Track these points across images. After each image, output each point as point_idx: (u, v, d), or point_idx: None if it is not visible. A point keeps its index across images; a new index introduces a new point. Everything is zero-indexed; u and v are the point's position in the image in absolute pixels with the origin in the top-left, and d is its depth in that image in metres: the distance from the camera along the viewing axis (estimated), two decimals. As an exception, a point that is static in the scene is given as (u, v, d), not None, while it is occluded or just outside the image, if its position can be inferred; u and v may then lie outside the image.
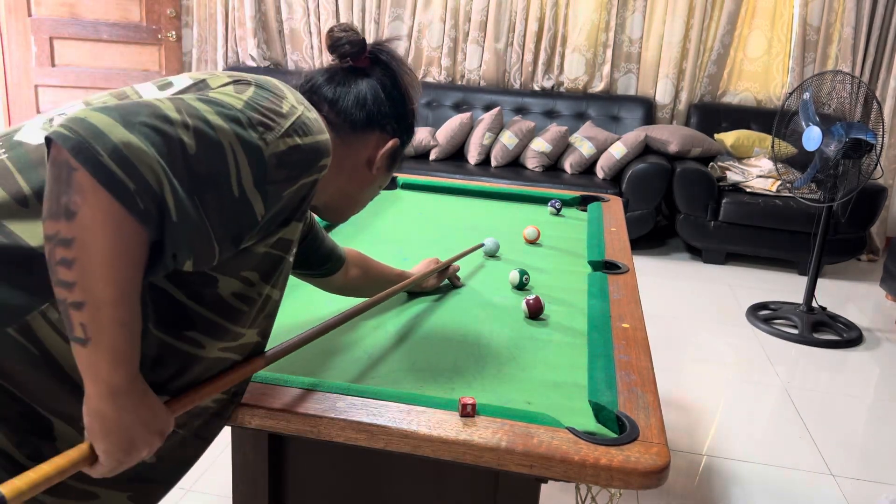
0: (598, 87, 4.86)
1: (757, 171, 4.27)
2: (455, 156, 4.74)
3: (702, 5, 4.60)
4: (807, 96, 3.20)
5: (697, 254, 4.48)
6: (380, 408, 0.98)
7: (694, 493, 2.11)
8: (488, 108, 4.82)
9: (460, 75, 5.04)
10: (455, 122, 4.59)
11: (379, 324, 1.33)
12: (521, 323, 1.37)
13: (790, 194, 4.08)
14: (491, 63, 4.92)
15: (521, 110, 4.84)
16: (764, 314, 3.53)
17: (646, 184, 4.18)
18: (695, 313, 3.53)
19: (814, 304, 3.53)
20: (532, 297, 1.39)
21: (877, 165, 3.14)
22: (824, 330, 3.39)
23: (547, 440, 0.92)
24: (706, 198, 4.17)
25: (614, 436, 0.95)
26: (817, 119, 3.17)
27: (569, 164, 4.47)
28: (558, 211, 2.24)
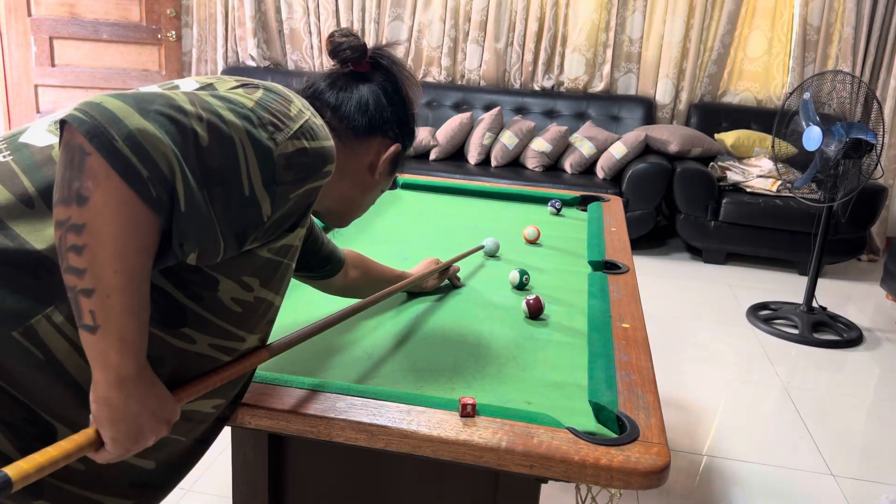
0: (599, 86, 4.86)
1: (757, 171, 4.27)
2: (455, 156, 4.74)
3: (702, 5, 4.60)
4: (807, 96, 3.20)
5: (697, 254, 4.48)
6: (380, 408, 0.98)
7: (694, 493, 2.11)
8: (488, 108, 4.82)
9: (460, 75, 5.04)
10: (455, 122, 4.59)
11: (379, 324, 1.33)
12: (521, 323, 1.37)
13: (790, 194, 4.08)
14: (491, 63, 4.92)
15: (521, 110, 4.84)
16: (764, 314, 3.53)
17: (646, 184, 4.18)
18: (695, 313, 3.53)
19: (814, 304, 3.52)
20: (532, 297, 1.39)
21: (877, 165, 3.14)
22: (824, 330, 3.39)
23: (547, 440, 0.92)
24: (706, 198, 4.17)
25: (614, 436, 0.95)
26: (817, 119, 3.16)
27: (569, 164, 4.47)
28: (558, 211, 2.23)
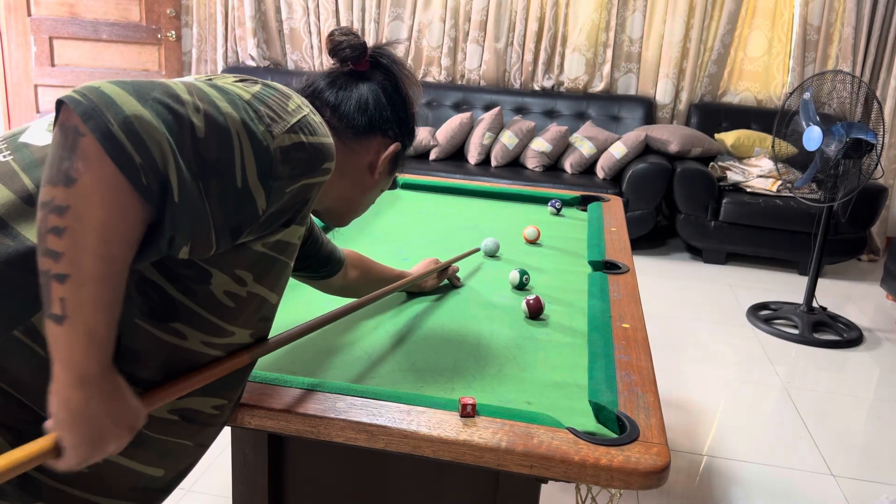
0: (599, 86, 4.86)
1: (757, 170, 4.27)
2: (455, 156, 4.74)
3: (702, 5, 4.60)
4: (807, 96, 3.20)
5: (697, 254, 4.48)
6: (380, 408, 0.98)
7: (694, 494, 2.11)
8: (488, 107, 4.82)
9: (460, 75, 5.04)
10: (455, 121, 4.59)
11: (379, 324, 1.33)
12: (521, 323, 1.37)
13: (790, 194, 4.08)
14: (491, 63, 4.91)
15: (521, 110, 4.84)
16: (764, 314, 3.53)
17: (646, 184, 4.18)
18: (695, 313, 3.53)
19: (814, 304, 3.52)
20: (532, 297, 1.39)
21: (877, 165, 3.14)
22: (824, 330, 3.39)
23: (547, 440, 0.92)
24: (706, 198, 4.17)
25: (614, 436, 0.95)
26: (818, 119, 3.16)
27: (569, 164, 4.47)
28: (558, 211, 2.23)
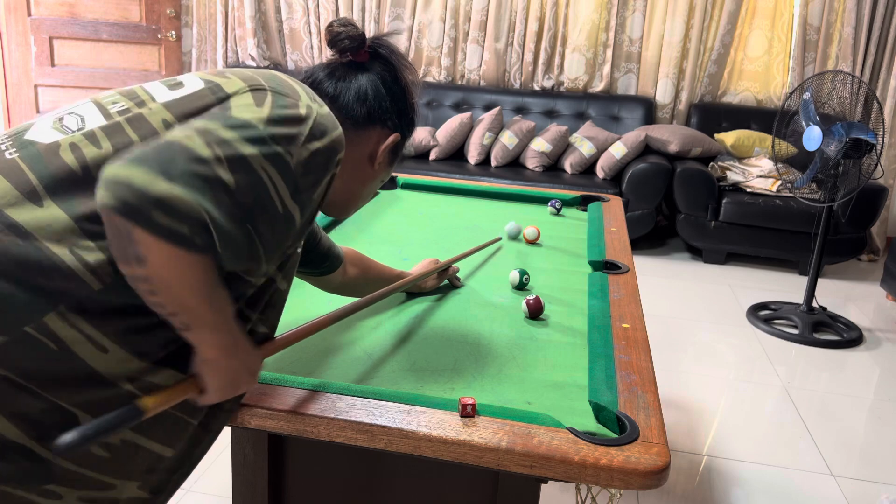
0: (599, 86, 4.86)
1: (757, 170, 4.27)
2: (455, 156, 4.74)
3: (702, 5, 4.60)
4: (807, 96, 3.20)
5: (697, 254, 4.48)
6: (380, 408, 0.98)
7: (694, 493, 2.11)
8: (488, 107, 4.82)
9: (460, 75, 5.04)
10: (455, 121, 4.59)
11: (379, 324, 1.33)
12: (521, 323, 1.37)
13: (790, 194, 4.08)
14: (491, 63, 4.91)
15: (521, 110, 4.84)
16: (764, 314, 3.53)
17: (646, 184, 4.18)
18: (695, 313, 3.53)
19: (814, 304, 3.52)
20: (532, 297, 1.39)
21: (877, 165, 3.14)
22: (824, 330, 3.39)
23: (547, 440, 0.92)
24: (706, 198, 4.17)
25: (614, 436, 0.95)
26: (817, 119, 3.16)
27: (569, 164, 4.47)
28: (558, 211, 2.23)
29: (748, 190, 4.22)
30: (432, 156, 4.60)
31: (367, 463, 1.17)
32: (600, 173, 4.40)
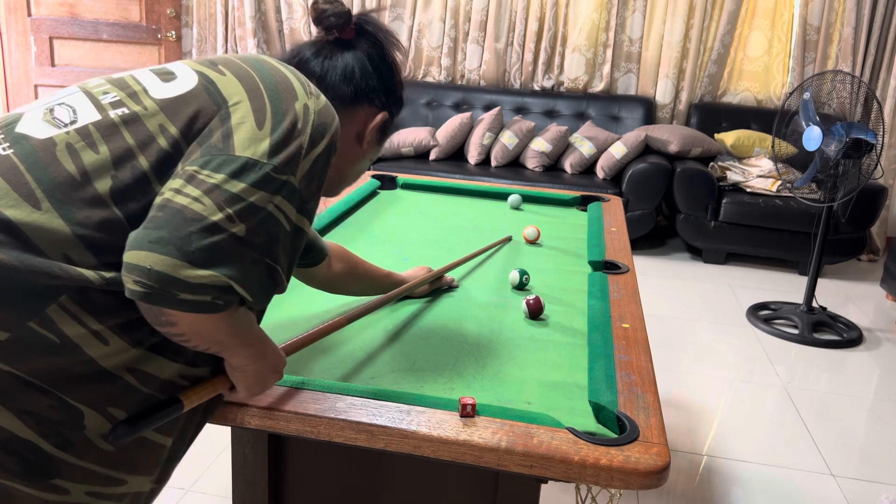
0: (598, 86, 4.86)
1: (757, 170, 4.27)
2: (455, 156, 4.74)
3: (702, 5, 4.60)
4: (807, 96, 3.20)
5: (697, 254, 4.48)
6: (380, 408, 0.98)
7: (694, 493, 2.11)
8: (488, 107, 4.81)
9: (460, 75, 5.04)
10: (455, 122, 4.59)
11: (378, 323, 1.33)
12: (521, 323, 1.37)
13: (790, 194, 4.08)
14: (491, 63, 4.91)
15: (521, 110, 4.84)
16: (764, 314, 3.53)
17: (646, 184, 4.18)
18: (695, 313, 3.53)
19: (814, 304, 3.53)
20: (532, 297, 1.39)
21: (877, 165, 3.14)
22: (824, 330, 3.39)
23: (547, 440, 0.92)
24: (706, 198, 4.17)
25: (614, 436, 0.95)
26: (817, 119, 3.16)
27: (569, 164, 4.47)
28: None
29: (748, 190, 4.22)
30: (432, 156, 4.60)
31: (367, 463, 1.17)
32: (600, 173, 4.40)
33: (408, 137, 4.55)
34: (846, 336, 3.32)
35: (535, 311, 1.38)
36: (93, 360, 0.80)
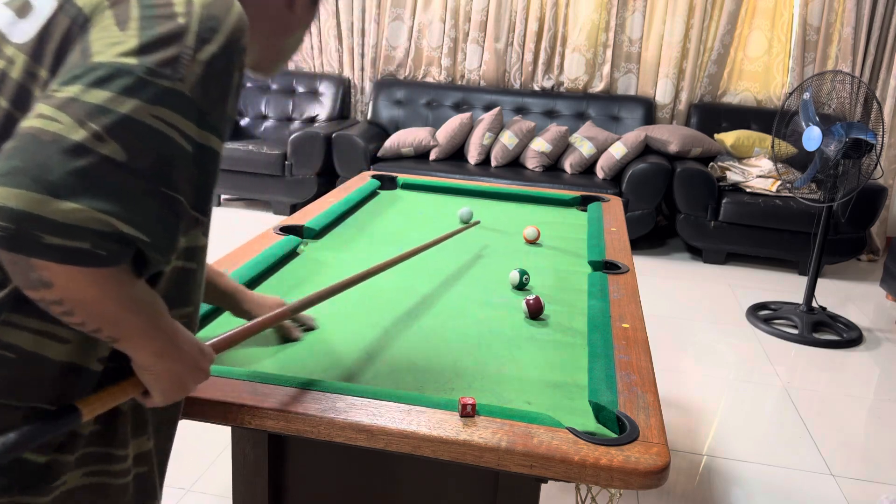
0: (598, 87, 4.86)
1: (757, 171, 4.27)
2: (455, 156, 4.74)
3: (702, 5, 4.60)
4: (807, 96, 3.20)
5: (697, 254, 4.48)
6: (380, 408, 0.98)
7: (694, 493, 2.11)
8: (488, 108, 4.82)
9: (460, 75, 5.04)
10: (455, 122, 4.59)
11: (378, 323, 1.33)
12: (521, 323, 1.37)
13: (790, 194, 4.08)
14: (491, 63, 4.92)
15: (521, 110, 4.84)
16: (764, 314, 3.53)
17: (646, 184, 4.18)
18: (695, 313, 3.53)
19: (814, 304, 3.53)
20: (532, 297, 1.39)
21: (877, 165, 3.14)
22: (824, 330, 3.39)
23: (547, 440, 0.92)
24: (706, 198, 4.17)
25: (614, 436, 0.95)
26: (817, 119, 3.17)
27: (569, 164, 4.47)
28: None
29: (748, 190, 4.22)
30: (432, 156, 4.60)
31: (367, 463, 1.17)
32: (600, 173, 4.40)
33: (408, 137, 4.55)
34: (846, 336, 3.32)
35: (535, 311, 1.38)
36: (57, 362, 0.75)
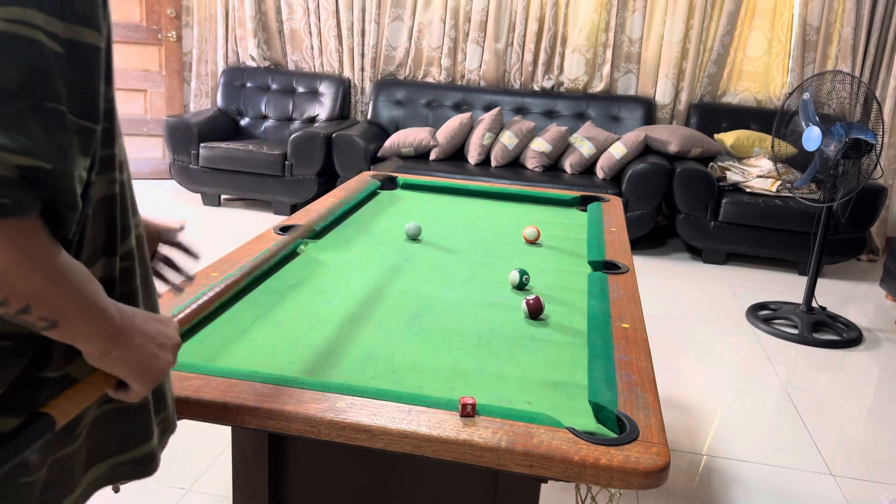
0: (598, 87, 4.86)
1: (757, 171, 4.27)
2: (455, 156, 4.74)
3: (702, 5, 4.60)
4: (807, 96, 3.20)
5: (697, 254, 4.48)
6: (380, 408, 0.98)
7: (694, 493, 2.11)
8: (488, 108, 4.82)
9: (460, 75, 5.04)
10: (455, 122, 4.59)
11: (379, 323, 1.33)
12: (521, 323, 1.37)
13: (790, 194, 4.08)
14: (491, 63, 4.92)
15: (521, 110, 4.84)
16: (764, 314, 3.53)
17: (646, 184, 4.18)
18: (695, 313, 3.53)
19: (814, 304, 3.53)
20: (532, 297, 1.39)
21: (877, 165, 3.14)
22: (824, 330, 3.39)
23: (547, 440, 0.92)
24: (706, 198, 4.17)
25: (614, 436, 0.95)
26: (817, 119, 3.17)
27: (569, 164, 4.47)
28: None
29: (748, 190, 4.22)
30: (432, 156, 4.60)
31: (368, 463, 1.17)
32: (600, 173, 4.40)
33: (408, 137, 4.55)
34: (846, 336, 3.32)
35: (535, 311, 1.38)
36: (23, 348, 0.68)
